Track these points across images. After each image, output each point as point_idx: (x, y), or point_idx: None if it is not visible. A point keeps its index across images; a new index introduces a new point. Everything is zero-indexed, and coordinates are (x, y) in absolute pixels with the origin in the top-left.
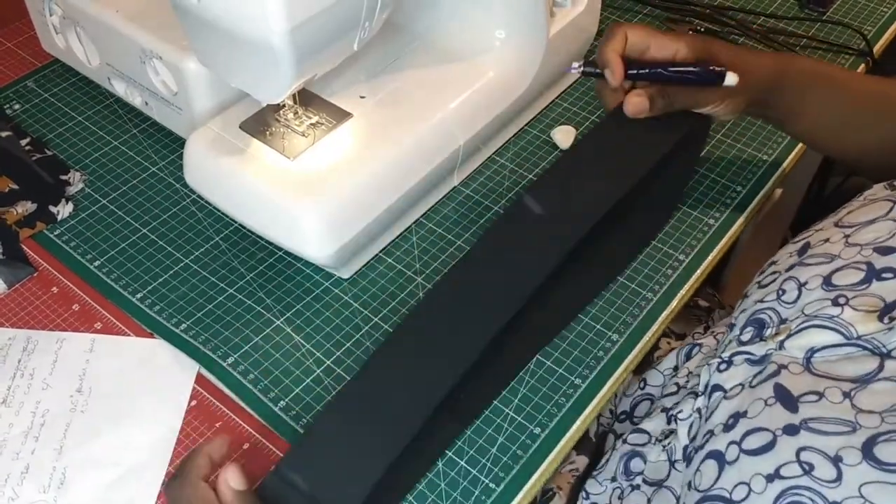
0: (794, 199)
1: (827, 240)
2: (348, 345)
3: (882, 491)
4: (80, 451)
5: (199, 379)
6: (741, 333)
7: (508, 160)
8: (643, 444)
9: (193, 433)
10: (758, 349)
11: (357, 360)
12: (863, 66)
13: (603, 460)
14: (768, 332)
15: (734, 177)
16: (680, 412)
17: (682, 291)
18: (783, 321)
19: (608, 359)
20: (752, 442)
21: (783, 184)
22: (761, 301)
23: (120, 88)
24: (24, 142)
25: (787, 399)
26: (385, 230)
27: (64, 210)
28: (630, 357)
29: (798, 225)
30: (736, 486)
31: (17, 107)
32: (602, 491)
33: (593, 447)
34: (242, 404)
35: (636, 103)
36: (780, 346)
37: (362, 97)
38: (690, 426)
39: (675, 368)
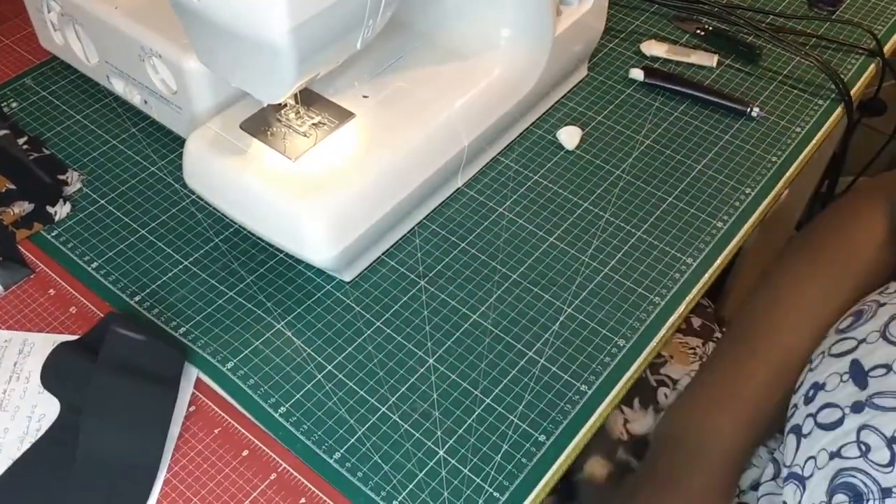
0: (800, 199)
1: None
2: (350, 349)
3: None
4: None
5: (198, 384)
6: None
7: (513, 161)
8: None
9: (192, 439)
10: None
11: (359, 364)
12: (873, 65)
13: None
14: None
15: (743, 179)
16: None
17: (690, 296)
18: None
19: (614, 364)
20: (825, 416)
21: (790, 184)
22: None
23: (119, 87)
24: (21, 140)
25: (858, 374)
26: (388, 232)
27: (62, 211)
28: (637, 363)
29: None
30: (807, 461)
31: (14, 105)
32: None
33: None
34: (242, 410)
35: None
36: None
37: (365, 97)
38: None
39: None
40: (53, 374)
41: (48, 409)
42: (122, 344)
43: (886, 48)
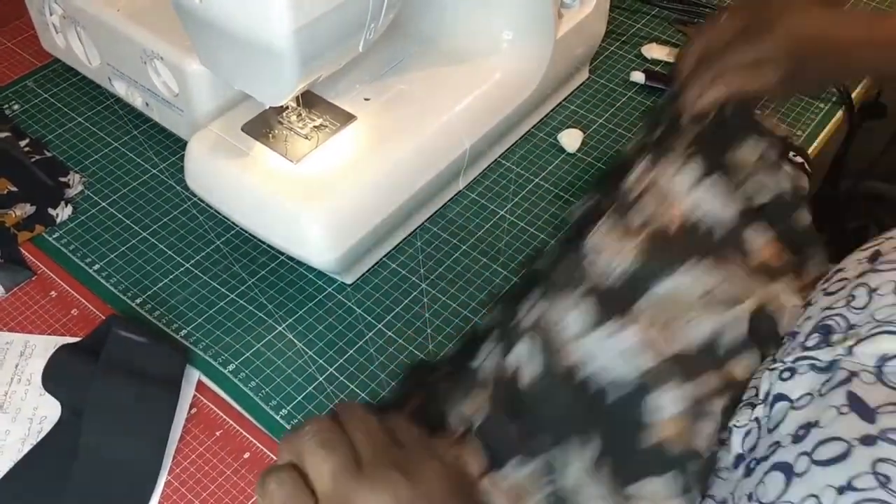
0: None
1: None
2: (351, 352)
3: None
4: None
5: (200, 386)
6: (806, 340)
7: (515, 163)
8: None
9: (193, 441)
10: (824, 355)
11: (360, 367)
12: None
13: None
14: (835, 337)
15: None
16: (736, 422)
17: None
18: (852, 327)
19: None
20: (825, 452)
21: None
22: (829, 308)
23: (120, 89)
24: (23, 143)
25: (862, 409)
26: (389, 235)
27: (63, 213)
28: None
29: None
30: (805, 498)
31: (16, 107)
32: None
33: None
34: (244, 412)
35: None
36: (849, 351)
37: (367, 99)
38: (746, 435)
39: None
40: (55, 377)
41: (50, 411)
42: (124, 346)
43: None
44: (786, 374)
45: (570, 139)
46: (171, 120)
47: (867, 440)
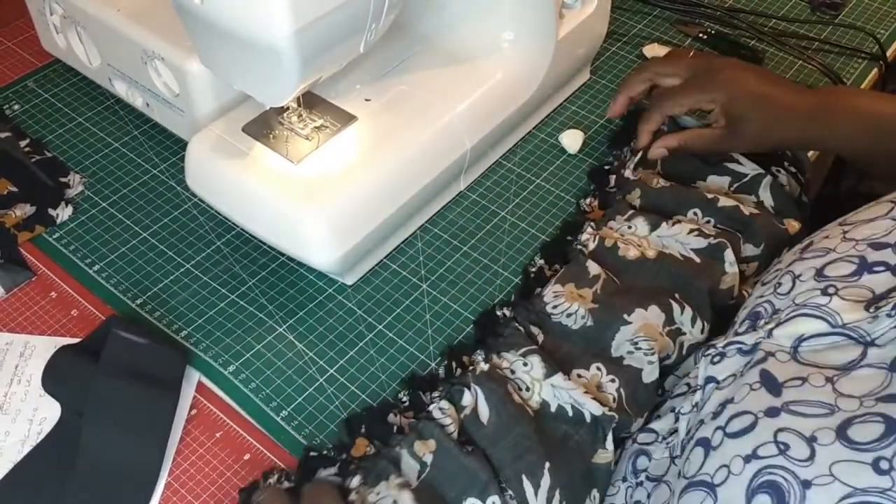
0: None
1: (827, 236)
2: (352, 353)
3: (850, 468)
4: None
5: (200, 387)
6: (738, 326)
7: (516, 164)
8: (650, 443)
9: (193, 443)
10: (749, 339)
11: (361, 368)
12: (875, 70)
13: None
14: (761, 322)
15: None
16: (682, 408)
17: None
18: (776, 311)
19: None
20: (736, 425)
21: None
22: (760, 296)
23: (121, 89)
24: (23, 143)
25: (771, 384)
26: (390, 235)
27: (63, 213)
28: None
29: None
30: (718, 469)
31: (16, 107)
32: (616, 492)
33: None
34: (244, 414)
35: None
36: (769, 334)
37: (367, 100)
38: (689, 421)
39: (688, 374)
40: (55, 378)
41: (49, 412)
42: (124, 347)
43: (889, 52)
44: (717, 359)
45: (572, 140)
46: (171, 120)
47: (771, 412)
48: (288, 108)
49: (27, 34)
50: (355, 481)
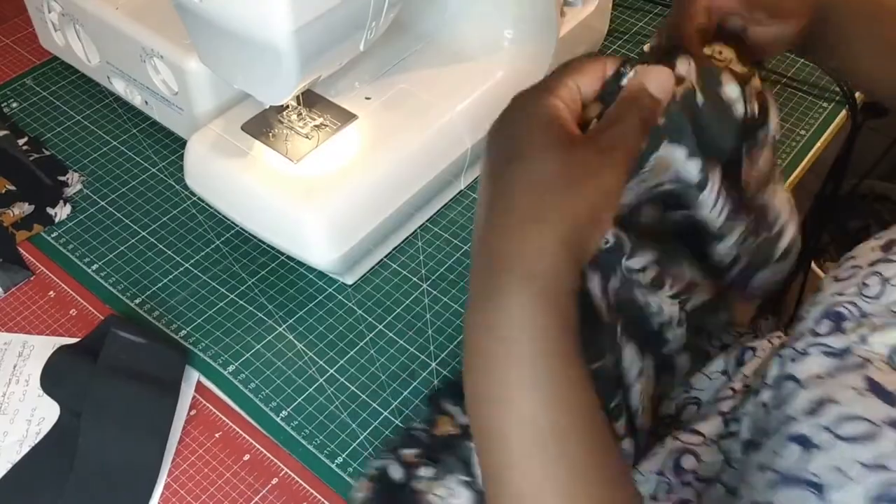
0: (804, 202)
1: None
2: (352, 353)
3: None
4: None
5: (199, 387)
6: (816, 326)
7: None
8: (697, 445)
9: (193, 443)
10: (836, 341)
11: (361, 368)
12: None
13: (650, 454)
14: (848, 325)
15: None
16: (743, 410)
17: None
18: (865, 315)
19: None
20: (848, 429)
21: (794, 187)
22: (839, 294)
23: (120, 87)
24: (21, 141)
25: (881, 392)
26: (390, 235)
27: (62, 212)
28: None
29: (808, 227)
30: (828, 470)
31: (14, 105)
32: (643, 480)
33: None
34: (243, 414)
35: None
36: (863, 339)
37: (367, 98)
38: (754, 421)
39: (725, 373)
40: (53, 377)
41: (48, 412)
42: (123, 347)
43: None
44: (797, 358)
45: None
46: (170, 119)
47: (894, 423)
48: (288, 107)
49: (25, 31)
50: (427, 472)
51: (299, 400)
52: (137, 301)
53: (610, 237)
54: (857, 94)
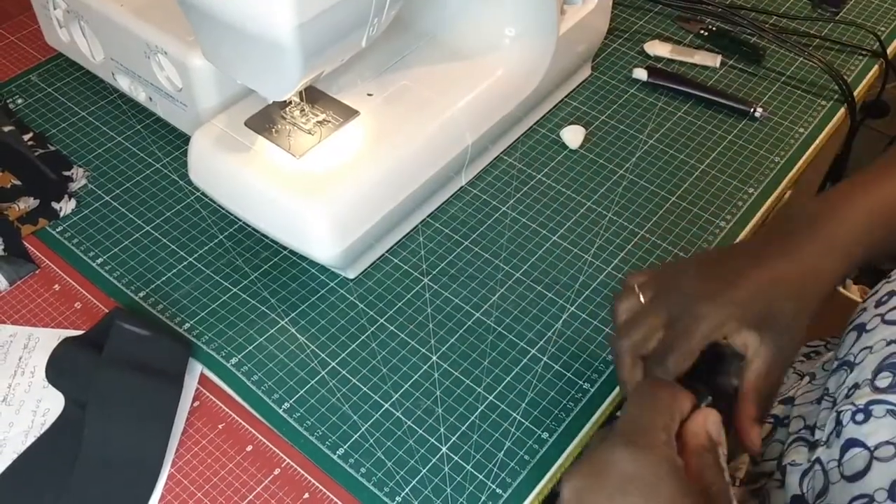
0: (803, 200)
1: None
2: (354, 346)
3: None
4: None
5: (203, 380)
6: (875, 379)
7: (517, 160)
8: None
9: (196, 434)
10: None
11: (362, 361)
12: (876, 67)
13: None
14: None
15: (745, 179)
16: (791, 460)
17: None
18: None
19: None
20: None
21: (793, 185)
22: (894, 342)
23: (124, 84)
24: (26, 137)
25: None
26: (392, 230)
27: (66, 206)
28: None
29: None
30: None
31: (19, 101)
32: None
33: None
34: (246, 405)
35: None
36: None
37: (370, 95)
38: (805, 475)
39: None
40: (58, 369)
41: (53, 403)
42: (127, 339)
43: (890, 50)
44: (859, 417)
45: (573, 136)
46: (174, 115)
47: None
48: (290, 103)
49: (30, 29)
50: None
51: (301, 392)
52: (142, 294)
53: None
54: (855, 93)
